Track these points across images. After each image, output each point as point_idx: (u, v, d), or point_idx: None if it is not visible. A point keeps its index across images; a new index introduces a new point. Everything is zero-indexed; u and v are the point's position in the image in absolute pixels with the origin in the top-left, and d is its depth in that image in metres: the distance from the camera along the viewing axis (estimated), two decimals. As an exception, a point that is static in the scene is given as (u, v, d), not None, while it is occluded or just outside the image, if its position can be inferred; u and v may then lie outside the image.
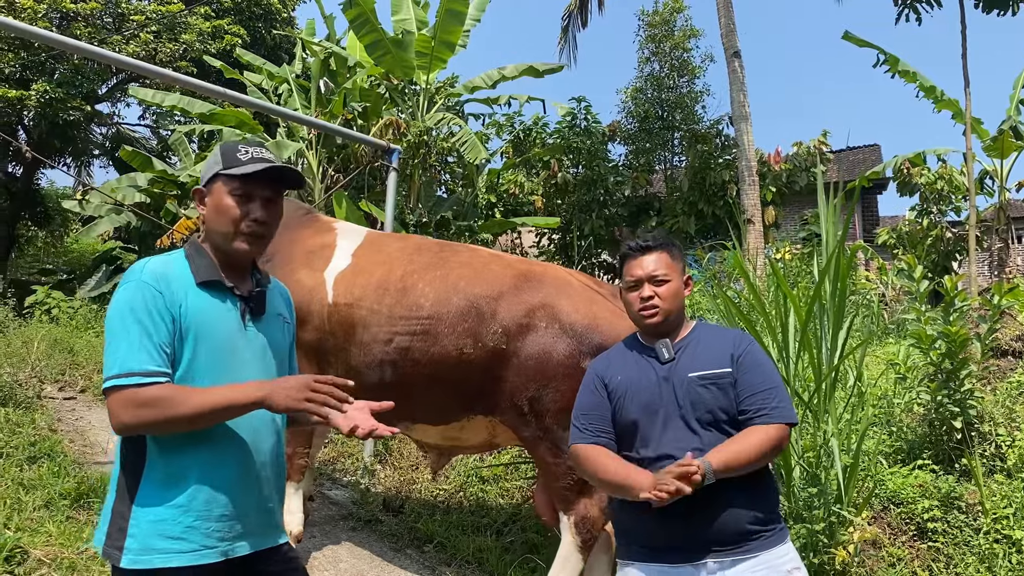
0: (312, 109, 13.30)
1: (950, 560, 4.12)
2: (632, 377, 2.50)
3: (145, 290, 1.93)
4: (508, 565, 4.42)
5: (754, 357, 2.46)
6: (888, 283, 11.27)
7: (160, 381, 1.86)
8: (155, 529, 1.87)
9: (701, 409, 2.37)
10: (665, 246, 2.58)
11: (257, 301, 2.13)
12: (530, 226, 14.55)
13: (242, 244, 2.07)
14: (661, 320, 2.50)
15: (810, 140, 15.57)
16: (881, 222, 20.65)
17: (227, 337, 2.03)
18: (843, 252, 4.87)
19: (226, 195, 2.06)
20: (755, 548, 2.32)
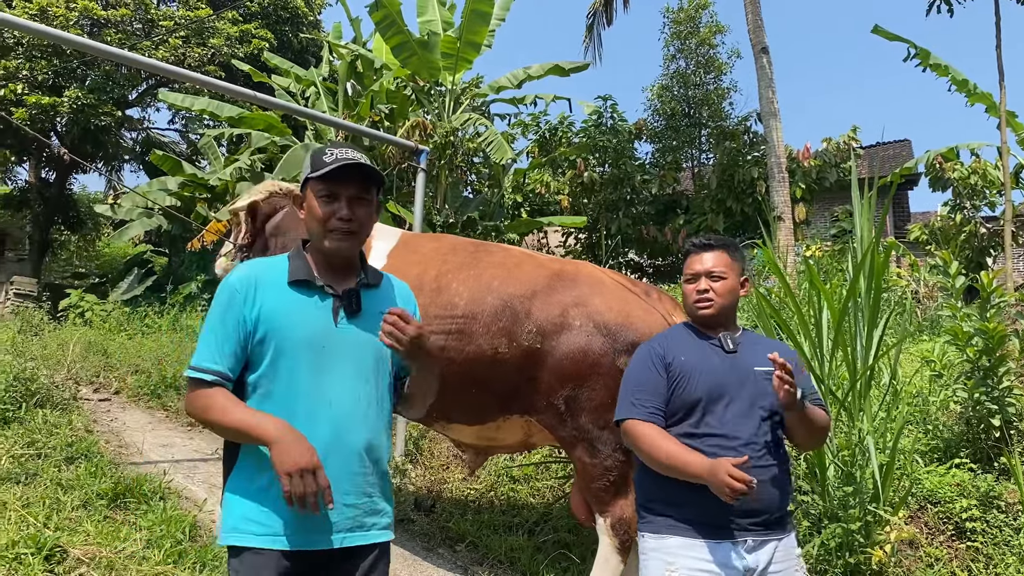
0: (340, 111, 13.38)
1: (990, 560, 4.06)
2: (698, 359, 2.64)
3: (226, 291, 2.10)
4: (540, 564, 4.41)
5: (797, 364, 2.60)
6: (921, 280, 11.12)
7: (214, 380, 2.02)
8: (240, 511, 2.01)
9: (765, 400, 2.54)
10: (726, 246, 2.76)
11: (350, 299, 2.17)
12: (556, 225, 14.52)
13: (332, 242, 2.15)
14: (714, 312, 2.67)
15: (840, 136, 15.40)
16: (912, 218, 20.40)
17: (313, 335, 2.09)
18: (878, 249, 4.81)
19: (314, 197, 2.16)
20: (781, 531, 2.52)
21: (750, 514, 2.46)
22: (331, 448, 2.04)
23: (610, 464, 3.66)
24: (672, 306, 3.92)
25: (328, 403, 2.07)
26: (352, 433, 2.09)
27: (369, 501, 2.13)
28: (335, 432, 2.06)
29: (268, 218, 4.95)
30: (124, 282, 16.00)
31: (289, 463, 1.88)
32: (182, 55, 15.52)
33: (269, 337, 2.06)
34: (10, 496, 4.56)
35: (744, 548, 2.44)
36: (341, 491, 2.05)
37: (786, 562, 2.50)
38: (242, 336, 2.06)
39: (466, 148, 12.76)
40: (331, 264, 2.19)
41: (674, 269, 15.94)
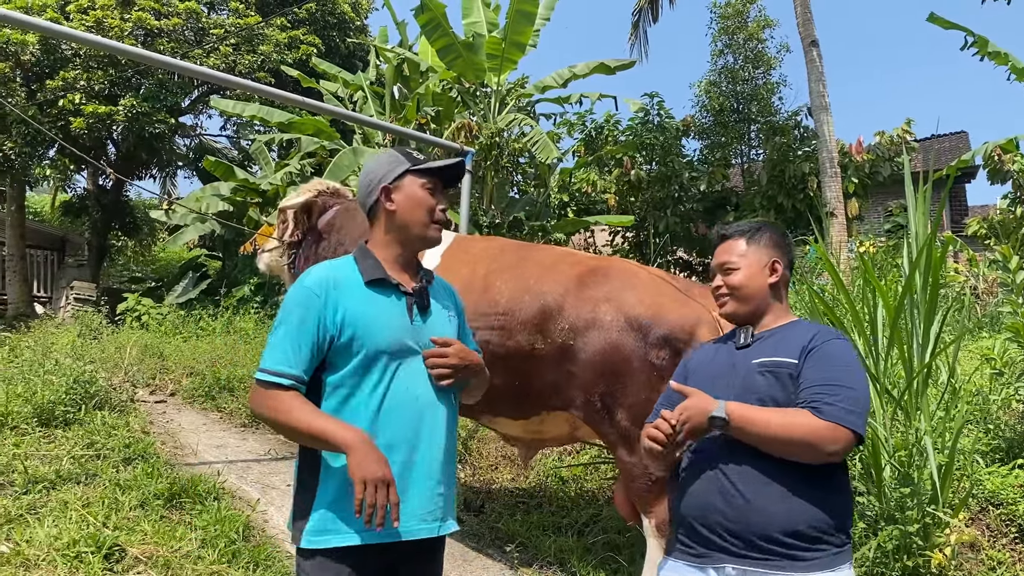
0: (387, 115, 13.49)
1: (1056, 564, 3.93)
2: (706, 359, 2.43)
3: (303, 294, 2.11)
4: (590, 565, 4.39)
5: (828, 350, 2.17)
6: (979, 275, 10.83)
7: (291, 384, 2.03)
8: (325, 513, 2.04)
9: (751, 396, 2.13)
10: (742, 233, 2.44)
11: (422, 295, 2.23)
12: (603, 225, 14.45)
13: (435, 232, 2.27)
14: (730, 311, 2.41)
15: (893, 129, 15.06)
16: (970, 212, 19.86)
17: (395, 332, 2.14)
18: (934, 243, 4.68)
19: (419, 188, 2.24)
20: (787, 567, 2.01)
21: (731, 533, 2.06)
22: (421, 443, 2.12)
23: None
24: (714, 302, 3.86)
25: (416, 398, 2.13)
26: (437, 426, 2.17)
27: (450, 491, 2.23)
28: (426, 426, 2.14)
29: (320, 216, 5.04)
30: (179, 286, 16.35)
31: (367, 471, 1.90)
32: (233, 62, 15.79)
33: (356, 339, 2.09)
34: (71, 496, 4.68)
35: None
36: (434, 481, 2.14)
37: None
38: (321, 339, 2.08)
39: (512, 148, 12.77)
40: (400, 261, 2.26)
41: (724, 267, 15.75)
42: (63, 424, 6.12)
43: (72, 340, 10.14)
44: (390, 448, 2.04)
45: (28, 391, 6.40)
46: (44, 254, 19.90)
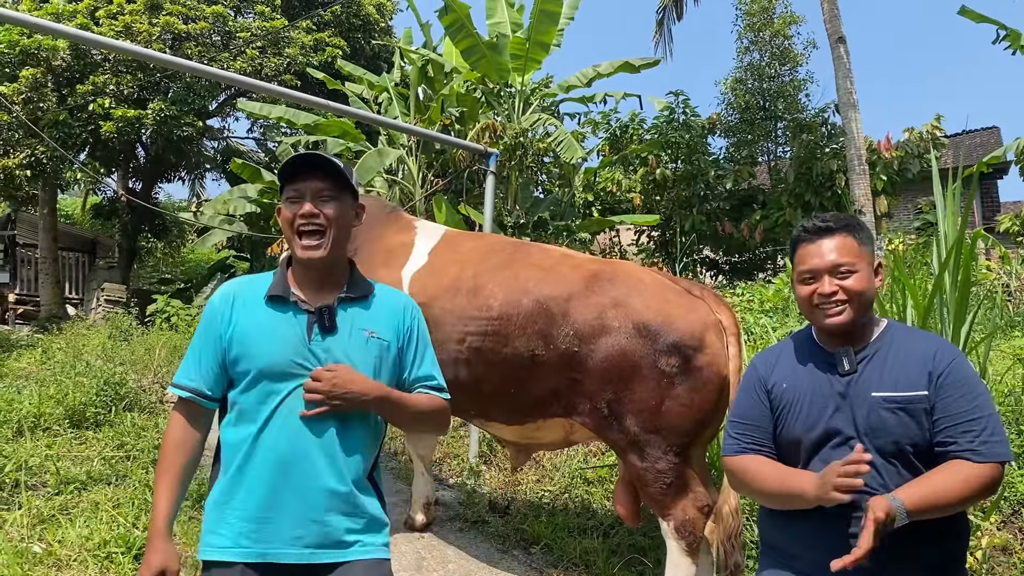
0: (411, 116, 13.53)
1: (1090, 568, 3.86)
2: (802, 387, 2.15)
3: (208, 310, 2.16)
4: (615, 567, 4.38)
5: (959, 374, 2.01)
6: (1012, 272, 10.65)
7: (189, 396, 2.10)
8: (206, 524, 2.07)
9: (884, 437, 1.98)
10: (850, 227, 2.16)
11: (323, 315, 2.10)
12: (628, 224, 14.39)
13: (303, 248, 2.11)
14: (847, 321, 2.10)
15: (922, 125, 14.86)
16: (1003, 208, 19.56)
17: (282, 352, 2.06)
18: (963, 241, 4.62)
19: (283, 203, 2.15)
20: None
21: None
22: (297, 466, 2.02)
23: (663, 467, 3.60)
24: (716, 303, 3.83)
25: (298, 421, 2.03)
26: (322, 451, 2.04)
27: (345, 519, 2.07)
28: (303, 450, 2.02)
29: None
30: (208, 287, 16.52)
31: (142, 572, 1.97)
32: (259, 65, 15.92)
33: (241, 356, 2.07)
34: (101, 497, 4.75)
35: None
36: (308, 506, 2.01)
37: None
38: (219, 355, 2.09)
39: (536, 148, 12.75)
40: (310, 276, 2.14)
41: (751, 265, 15.64)
42: (94, 425, 6.20)
43: (103, 342, 10.28)
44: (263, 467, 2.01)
45: (60, 393, 6.50)
46: (75, 256, 20.20)
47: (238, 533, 2.00)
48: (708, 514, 3.66)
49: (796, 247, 2.22)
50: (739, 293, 10.66)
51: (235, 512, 2.02)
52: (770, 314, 9.04)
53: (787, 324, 8.19)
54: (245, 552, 2.00)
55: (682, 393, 3.57)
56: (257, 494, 2.01)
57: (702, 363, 3.59)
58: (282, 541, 2.01)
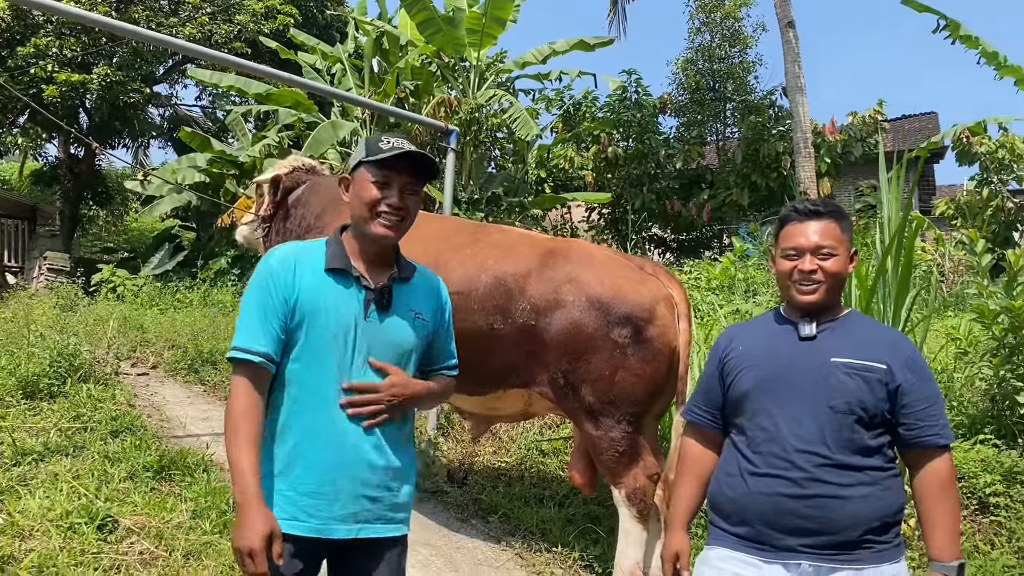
0: (365, 89, 13.45)
1: (1012, 534, 4.14)
2: (757, 347, 2.32)
3: (267, 272, 2.13)
4: (570, 536, 4.55)
5: (922, 362, 2.23)
6: (946, 255, 11.09)
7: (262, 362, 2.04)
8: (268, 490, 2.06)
9: (839, 398, 2.13)
10: (835, 215, 2.30)
11: (382, 294, 2.18)
12: (580, 201, 14.56)
13: (378, 228, 2.16)
14: (820, 299, 2.25)
15: (865, 110, 15.28)
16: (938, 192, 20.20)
17: (341, 324, 2.11)
18: (907, 226, 4.85)
19: (367, 181, 2.16)
20: (863, 560, 2.08)
21: (803, 533, 2.09)
22: (345, 443, 2.09)
23: (616, 436, 3.81)
24: (667, 278, 4.05)
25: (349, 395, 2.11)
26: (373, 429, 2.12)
27: (389, 495, 2.17)
28: (357, 427, 2.10)
29: (290, 191, 5.14)
30: (155, 257, 16.23)
31: (241, 539, 1.90)
32: (209, 32, 15.60)
33: (304, 322, 2.09)
34: (61, 468, 4.74)
35: (799, 573, 2.09)
36: (359, 482, 2.10)
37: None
38: (283, 319, 2.08)
39: (491, 124, 12.80)
40: (368, 252, 2.21)
41: (699, 244, 15.94)
42: (48, 397, 6.14)
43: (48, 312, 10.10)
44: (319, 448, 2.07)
45: (12, 364, 6.42)
46: (14, 223, 19.60)
47: (296, 507, 2.05)
48: (657, 482, 3.87)
49: (784, 225, 2.35)
50: (686, 271, 10.90)
51: (293, 485, 2.06)
52: (716, 291, 9.29)
53: (733, 301, 8.44)
54: (302, 526, 2.05)
55: (634, 363, 3.77)
56: (316, 470, 2.06)
57: (653, 335, 3.80)
58: (335, 517, 2.08)
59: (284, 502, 2.05)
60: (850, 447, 2.13)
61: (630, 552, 3.86)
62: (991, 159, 13.73)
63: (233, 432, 2.00)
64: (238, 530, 1.92)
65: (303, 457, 2.07)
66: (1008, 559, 3.97)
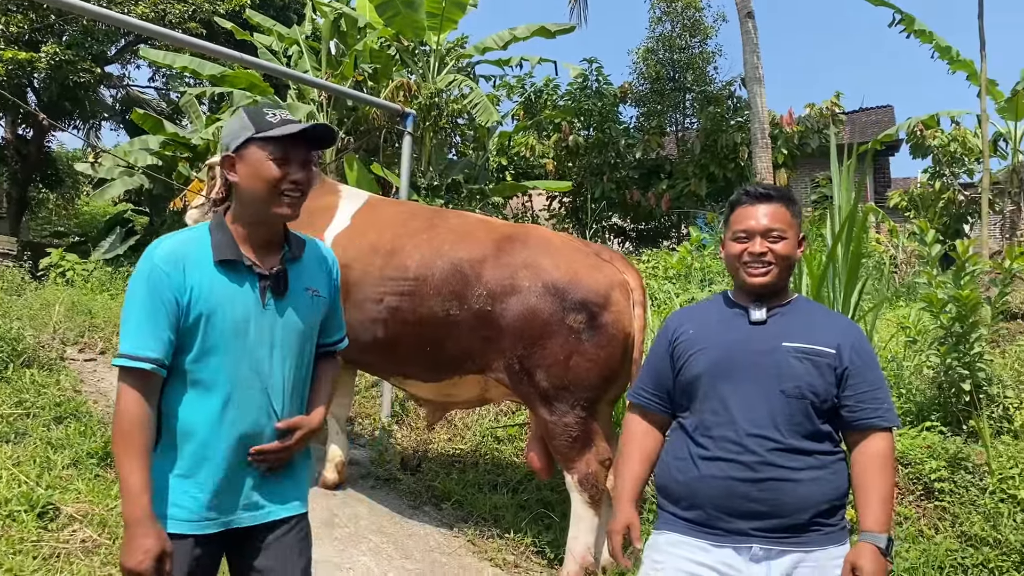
0: (323, 71, 13.25)
1: (956, 519, 4.22)
2: (708, 331, 2.32)
3: (153, 271, 1.97)
4: (523, 521, 4.55)
5: (868, 347, 2.28)
6: (899, 246, 11.29)
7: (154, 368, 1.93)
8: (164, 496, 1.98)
9: (790, 382, 2.15)
10: (785, 199, 2.32)
11: (278, 279, 2.11)
12: (541, 189, 14.54)
13: (282, 208, 2.06)
14: (769, 281, 2.26)
15: (822, 102, 15.45)
16: (893, 184, 20.54)
17: (240, 319, 2.04)
18: (856, 215, 4.90)
19: (264, 159, 2.03)
20: (811, 542, 2.11)
21: (755, 517, 2.10)
22: (258, 433, 2.07)
23: (570, 421, 3.82)
24: (623, 264, 4.06)
25: (259, 388, 2.07)
26: (281, 414, 2.11)
27: (290, 475, 2.18)
28: (266, 416, 2.08)
29: None
30: (105, 241, 15.86)
31: (128, 560, 1.84)
32: (163, 11, 15.26)
33: (201, 324, 1.99)
34: (1, 455, 4.61)
35: (750, 556, 2.10)
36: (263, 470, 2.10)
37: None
38: (175, 321, 1.96)
39: (451, 110, 12.70)
40: (259, 236, 2.11)
41: (657, 233, 16.02)
42: (-11, 382, 5.97)
43: (-7, 295, 9.81)
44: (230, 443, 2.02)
45: (-50, 348, 6.22)
46: (-41, 205, 19.12)
47: (203, 506, 2.01)
48: (609, 467, 3.89)
49: (734, 208, 2.36)
50: (645, 260, 10.96)
51: (200, 486, 2.01)
52: (673, 280, 9.34)
53: (689, 290, 8.50)
54: (210, 524, 2.01)
55: (589, 349, 3.78)
56: (223, 468, 2.02)
57: (607, 320, 3.80)
58: (242, 507, 2.07)
59: (192, 504, 2.00)
60: (801, 431, 2.15)
61: (582, 537, 3.87)
62: (943, 152, 14.00)
63: (124, 446, 1.90)
64: (127, 550, 1.85)
65: (210, 459, 2.02)
66: (951, 543, 4.04)
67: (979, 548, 4.01)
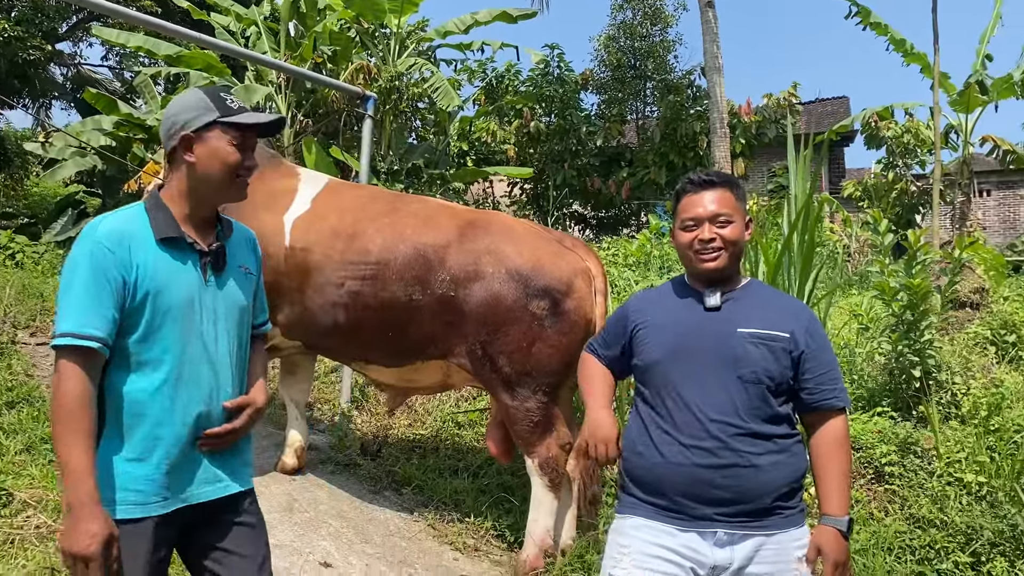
0: (281, 52, 13.06)
1: (905, 501, 4.34)
2: (665, 318, 2.35)
3: (97, 249, 1.94)
4: (484, 506, 4.57)
5: (821, 331, 2.33)
6: (852, 235, 11.50)
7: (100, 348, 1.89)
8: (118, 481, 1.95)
9: (746, 367, 2.18)
10: (729, 183, 2.36)
11: (218, 255, 2.14)
12: (503, 175, 14.52)
13: (238, 192, 2.13)
14: (721, 266, 2.29)
15: (780, 92, 15.64)
16: (847, 174, 20.91)
17: (186, 295, 2.04)
18: (812, 205, 4.99)
19: (226, 144, 2.07)
20: (773, 526, 2.16)
21: (719, 503, 2.14)
22: (210, 409, 2.08)
23: (532, 406, 3.85)
24: (585, 252, 4.11)
25: (207, 364, 2.08)
26: (227, 389, 2.13)
27: (238, 451, 2.21)
28: (215, 391, 2.09)
29: None
30: (57, 223, 15.49)
31: (72, 544, 1.79)
32: (115, -12, 14.90)
33: (147, 302, 1.98)
34: (-51, 438, 4.52)
35: (714, 541, 2.14)
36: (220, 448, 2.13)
37: (777, 563, 2.14)
38: (120, 300, 1.94)
39: (411, 93, 12.61)
40: (199, 215, 2.13)
41: (617, 221, 16.12)
42: (-65, 365, 5.83)
43: (-62, 278, 9.55)
44: (184, 421, 2.02)
45: None
46: (-98, 186, 18.51)
47: (160, 486, 1.99)
48: (569, 452, 3.93)
49: (680, 197, 2.40)
50: (605, 247, 11.02)
51: (155, 467, 1.98)
52: (633, 268, 9.42)
53: (648, 277, 8.58)
54: (167, 503, 2.00)
55: (551, 335, 3.81)
56: (178, 447, 2.01)
57: (570, 307, 3.84)
58: (199, 482, 2.08)
59: (147, 486, 1.97)
60: (760, 416, 2.20)
61: (542, 520, 3.90)
62: (897, 143, 14.27)
63: (66, 426, 1.84)
64: (72, 535, 1.79)
65: (163, 439, 1.99)
66: (900, 525, 4.16)
67: (926, 530, 4.13)
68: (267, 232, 4.18)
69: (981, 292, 6.93)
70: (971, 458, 4.35)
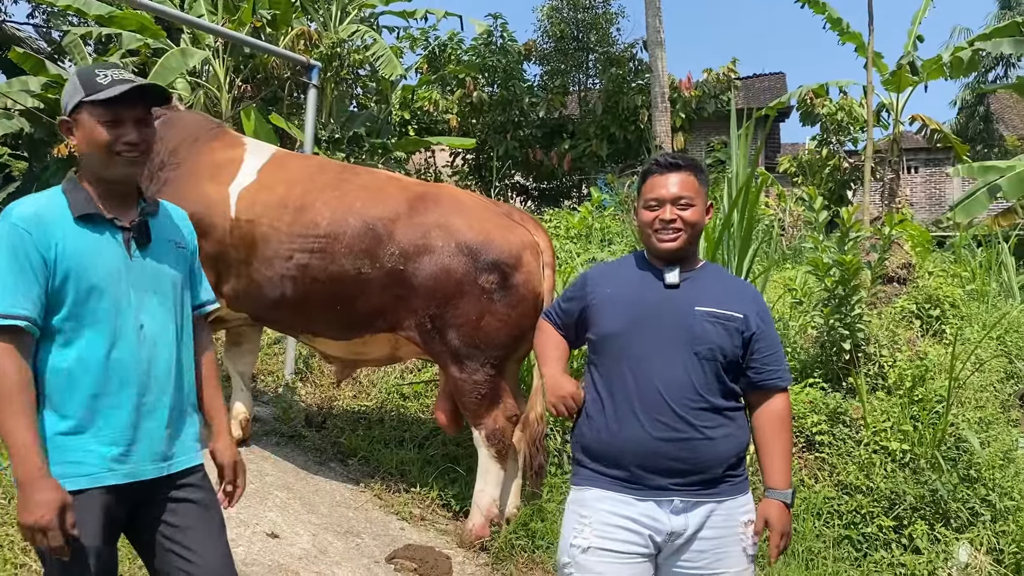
0: (219, 16, 12.72)
1: (833, 469, 4.55)
2: (624, 292, 2.42)
3: (13, 231, 1.95)
4: (430, 476, 4.64)
5: (770, 315, 2.48)
6: (787, 210, 11.78)
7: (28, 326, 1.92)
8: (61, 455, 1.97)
9: (703, 344, 2.29)
10: (693, 168, 2.43)
11: (141, 230, 2.13)
12: (445, 145, 14.45)
13: (119, 168, 2.08)
14: (680, 246, 2.37)
15: (720, 67, 15.84)
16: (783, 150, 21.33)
17: (111, 271, 2.04)
18: (752, 181, 5.13)
19: (95, 123, 2.03)
20: (722, 493, 2.28)
21: (674, 473, 2.24)
22: (148, 381, 2.09)
23: (480, 379, 3.93)
24: (534, 226, 4.17)
25: (138, 338, 2.07)
26: (163, 362, 2.13)
27: (184, 426, 2.21)
28: (148, 366, 2.09)
29: None
30: (-20, 188, 14.95)
31: (28, 516, 1.83)
32: (41, -57, 14.29)
33: (70, 279, 1.98)
34: None
35: (670, 509, 2.24)
36: (162, 422, 2.12)
37: (725, 528, 2.27)
38: (43, 279, 1.95)
39: (353, 61, 12.43)
40: (113, 193, 2.12)
41: (559, 193, 16.19)
42: None
43: None
44: (121, 393, 2.03)
45: None
46: None
47: (103, 458, 2.00)
48: (516, 423, 4.02)
49: (646, 178, 2.46)
50: (547, 219, 11.08)
51: (97, 438, 2.00)
52: (574, 240, 9.51)
53: (589, 250, 8.67)
54: (114, 474, 2.01)
55: (500, 309, 3.88)
56: (118, 417, 2.02)
57: (518, 281, 3.91)
58: (144, 458, 2.08)
59: (91, 458, 1.99)
60: (714, 391, 2.31)
61: (488, 490, 3.99)
62: (831, 120, 14.61)
63: (6, 406, 1.87)
64: (26, 508, 1.83)
65: (100, 412, 2.01)
66: (830, 491, 4.36)
67: (853, 495, 4.35)
68: (212, 203, 4.13)
69: (908, 267, 7.20)
70: (896, 427, 4.57)
